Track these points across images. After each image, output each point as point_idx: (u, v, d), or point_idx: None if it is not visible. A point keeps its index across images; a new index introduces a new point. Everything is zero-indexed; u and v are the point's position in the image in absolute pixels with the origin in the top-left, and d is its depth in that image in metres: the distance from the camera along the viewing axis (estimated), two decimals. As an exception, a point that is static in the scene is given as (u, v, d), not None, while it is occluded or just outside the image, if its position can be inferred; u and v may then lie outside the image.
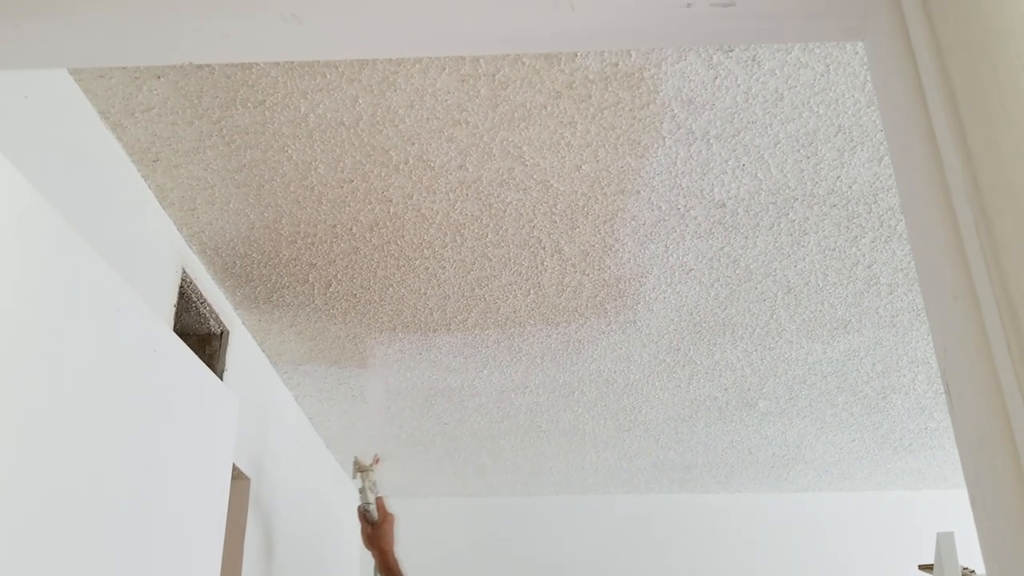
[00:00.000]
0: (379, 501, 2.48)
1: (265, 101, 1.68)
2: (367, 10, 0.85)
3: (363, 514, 2.46)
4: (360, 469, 2.48)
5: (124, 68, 1.59)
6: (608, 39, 0.90)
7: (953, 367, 0.74)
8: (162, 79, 1.62)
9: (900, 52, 0.81)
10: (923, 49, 0.78)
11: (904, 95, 0.80)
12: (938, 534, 2.68)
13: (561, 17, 0.86)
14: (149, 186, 1.92)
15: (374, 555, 2.50)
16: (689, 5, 0.85)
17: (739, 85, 1.68)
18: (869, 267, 2.32)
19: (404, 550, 4.39)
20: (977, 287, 0.71)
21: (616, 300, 2.46)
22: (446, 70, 1.62)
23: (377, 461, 2.60)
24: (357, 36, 0.89)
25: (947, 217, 0.74)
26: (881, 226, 2.13)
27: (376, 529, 2.44)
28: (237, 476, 2.49)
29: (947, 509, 3.67)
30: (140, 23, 0.86)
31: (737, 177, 1.95)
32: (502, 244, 2.17)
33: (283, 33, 0.89)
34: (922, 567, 3.11)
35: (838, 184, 1.98)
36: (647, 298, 2.46)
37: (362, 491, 2.45)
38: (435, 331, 2.62)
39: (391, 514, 2.50)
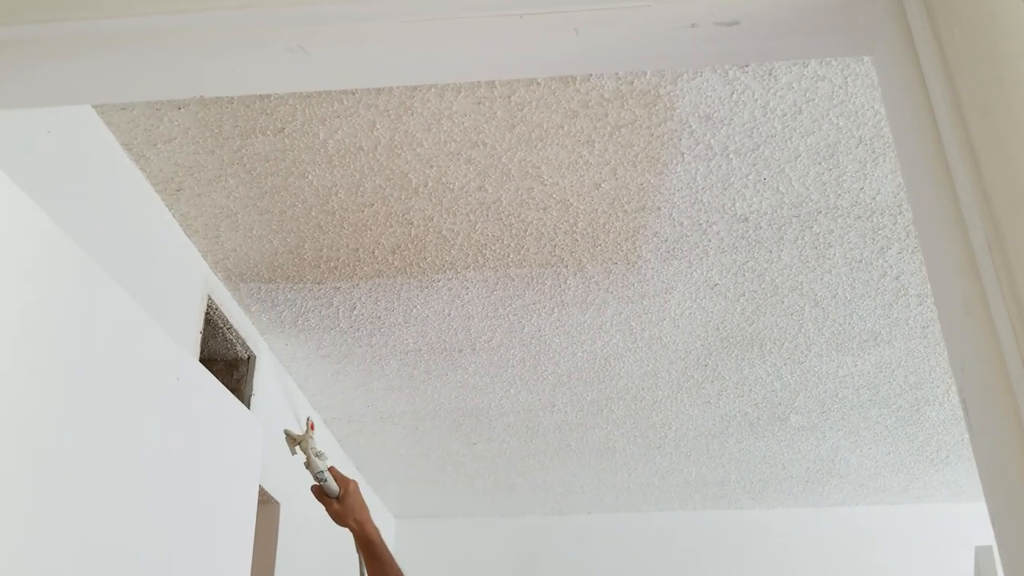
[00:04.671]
0: (332, 471, 2.09)
1: (284, 129, 1.70)
2: (371, 40, 0.86)
3: (319, 491, 2.08)
4: (296, 442, 2.10)
5: (145, 100, 1.61)
6: (614, 61, 0.90)
7: (969, 383, 0.73)
8: (183, 110, 1.64)
9: (907, 66, 0.81)
10: (930, 63, 0.78)
11: (912, 109, 0.80)
12: (976, 548, 2.63)
13: (566, 41, 0.87)
14: (173, 215, 1.95)
15: (353, 531, 2.06)
16: (694, 25, 0.85)
17: (756, 100, 1.67)
18: (897, 278, 2.29)
19: (436, 571, 4.38)
20: (990, 301, 0.70)
21: (641, 317, 2.45)
22: (462, 93, 1.63)
23: (312, 427, 2.13)
24: (364, 65, 0.90)
25: (958, 230, 0.73)
26: (907, 236, 2.11)
27: (342, 502, 2.07)
28: (267, 500, 2.50)
29: (986, 522, 3.59)
30: (149, 61, 0.87)
31: (759, 191, 1.93)
32: (524, 264, 2.17)
33: (291, 65, 0.90)
34: (962, 582, 3.05)
35: (862, 196, 1.96)
36: (672, 314, 2.44)
37: (308, 465, 2.06)
38: (460, 352, 2.62)
39: (350, 480, 2.11)
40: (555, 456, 3.57)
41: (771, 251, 2.15)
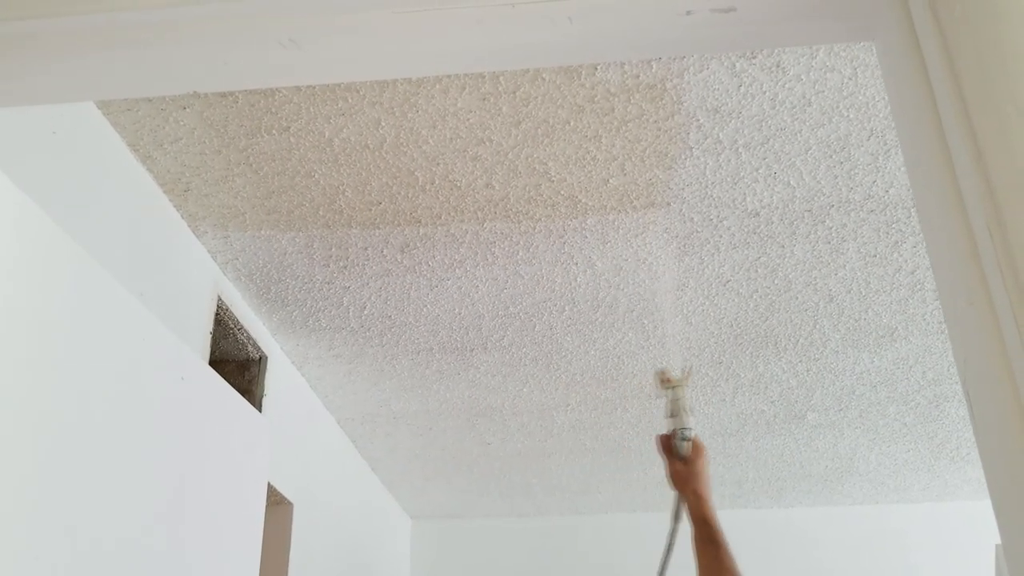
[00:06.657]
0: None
1: (290, 128, 1.70)
2: (363, 32, 0.85)
3: (667, 444, 1.80)
4: (672, 385, 1.80)
5: (150, 100, 1.61)
6: (609, 50, 0.88)
7: (972, 376, 0.71)
8: (188, 110, 1.64)
9: (908, 49, 0.79)
10: (931, 48, 0.76)
11: (914, 96, 0.78)
12: (997, 546, 2.59)
13: (560, 30, 0.85)
14: (181, 215, 1.95)
15: (688, 502, 1.82)
16: (689, 12, 0.83)
17: (765, 92, 1.65)
18: (912, 273, 2.26)
19: (452, 573, 4.38)
20: (992, 292, 0.68)
21: (653, 314, 2.43)
22: (466, 89, 1.61)
23: (688, 375, 1.84)
24: (357, 58, 0.89)
25: (959, 219, 0.71)
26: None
27: (690, 465, 1.80)
28: (279, 501, 2.50)
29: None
30: (141, 56, 0.86)
31: (769, 185, 1.91)
32: (534, 261, 2.16)
33: (284, 58, 0.89)
34: (983, 581, 3.01)
35: (874, 189, 1.93)
36: (685, 311, 2.42)
37: (672, 413, 1.78)
38: (472, 350, 2.61)
39: (703, 446, 1.82)
40: (570, 455, 3.56)
41: (783, 246, 2.13)
